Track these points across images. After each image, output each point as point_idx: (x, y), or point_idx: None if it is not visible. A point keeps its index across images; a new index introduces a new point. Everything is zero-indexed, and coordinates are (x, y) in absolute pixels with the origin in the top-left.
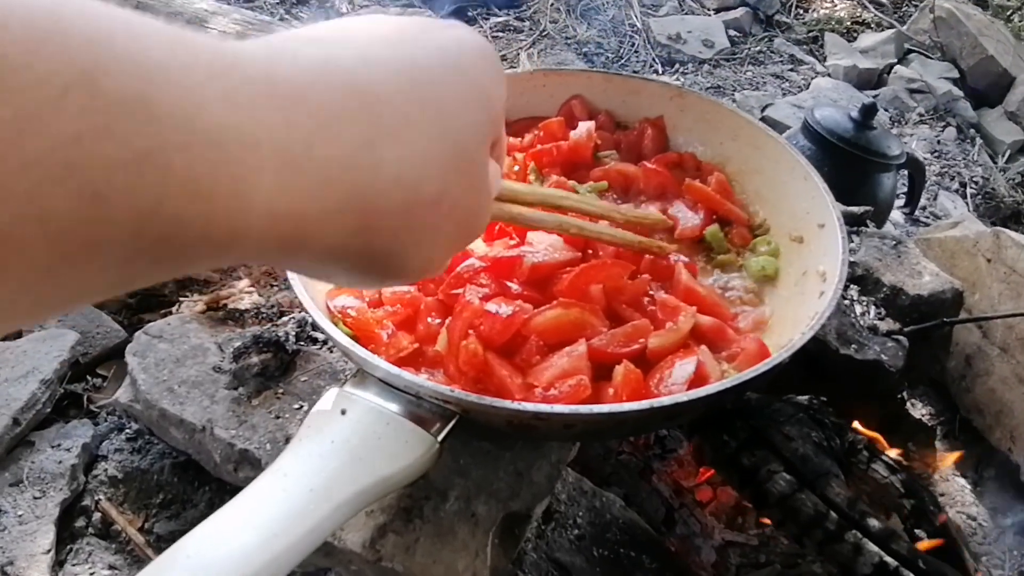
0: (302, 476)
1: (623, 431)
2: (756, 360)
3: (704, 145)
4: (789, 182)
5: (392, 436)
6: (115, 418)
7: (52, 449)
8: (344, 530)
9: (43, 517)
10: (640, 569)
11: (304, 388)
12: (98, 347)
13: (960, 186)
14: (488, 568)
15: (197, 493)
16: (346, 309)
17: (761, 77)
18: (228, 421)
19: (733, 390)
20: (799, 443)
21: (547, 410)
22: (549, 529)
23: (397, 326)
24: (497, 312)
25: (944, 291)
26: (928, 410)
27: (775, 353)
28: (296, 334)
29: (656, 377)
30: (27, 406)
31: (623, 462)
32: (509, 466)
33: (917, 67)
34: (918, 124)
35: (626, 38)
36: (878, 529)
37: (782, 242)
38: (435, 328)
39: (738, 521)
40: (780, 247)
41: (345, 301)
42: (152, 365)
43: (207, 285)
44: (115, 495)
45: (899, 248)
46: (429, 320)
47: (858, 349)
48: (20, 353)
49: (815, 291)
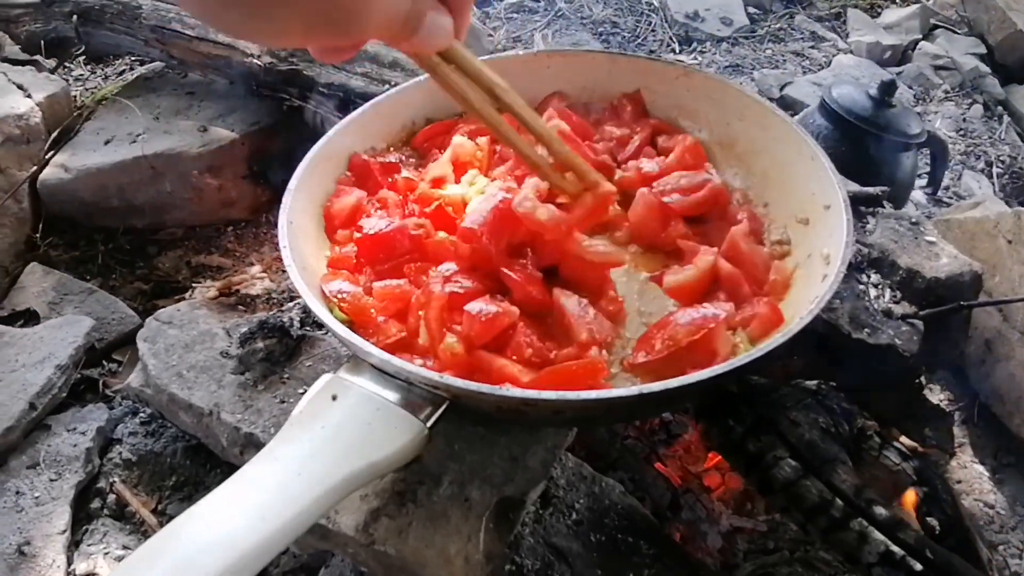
0: (292, 461)
1: (615, 417)
2: (770, 326)
3: (711, 125)
4: (796, 162)
5: (381, 422)
6: (129, 402)
7: (68, 433)
8: (338, 513)
9: (59, 499)
10: (637, 555)
11: (308, 373)
12: (113, 333)
13: (986, 165)
14: (481, 552)
15: (209, 475)
16: (341, 293)
17: (781, 55)
18: (234, 405)
19: (727, 375)
20: (806, 429)
21: (535, 396)
22: (547, 514)
23: (389, 316)
24: (479, 313)
25: (962, 273)
26: (946, 396)
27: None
28: (301, 319)
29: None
30: (43, 391)
31: (629, 447)
32: (504, 451)
33: (943, 43)
34: (943, 102)
35: (643, 17)
36: (884, 517)
37: (789, 224)
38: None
39: (746, 507)
40: (788, 230)
41: (340, 285)
42: (162, 351)
43: (220, 271)
44: (129, 477)
45: (916, 229)
46: (420, 313)
47: (871, 333)
48: (36, 339)
49: (818, 274)
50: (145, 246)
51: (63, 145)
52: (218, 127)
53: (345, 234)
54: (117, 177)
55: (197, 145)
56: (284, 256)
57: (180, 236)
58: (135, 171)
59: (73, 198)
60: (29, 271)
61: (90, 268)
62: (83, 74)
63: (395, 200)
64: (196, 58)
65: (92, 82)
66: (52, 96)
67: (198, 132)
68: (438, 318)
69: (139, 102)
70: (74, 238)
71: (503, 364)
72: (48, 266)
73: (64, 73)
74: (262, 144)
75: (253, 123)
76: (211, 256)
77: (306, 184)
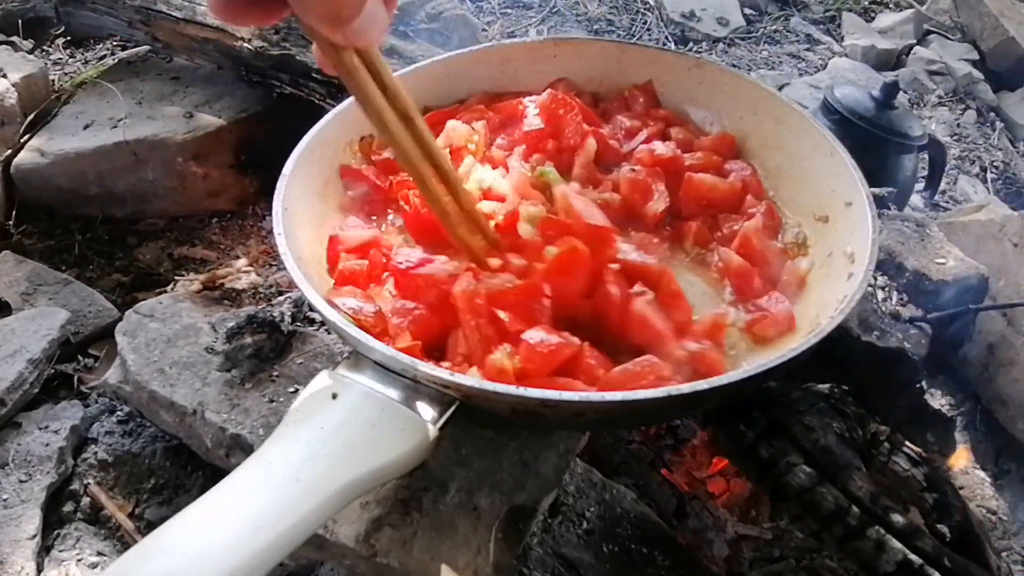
0: (288, 465)
1: (636, 420)
2: (782, 328)
3: (723, 119)
4: (813, 158)
5: (386, 423)
6: (106, 400)
7: (40, 431)
8: (336, 522)
9: (29, 501)
10: (652, 566)
11: (300, 371)
12: (90, 326)
13: (980, 170)
14: (490, 564)
15: (190, 478)
16: (362, 312)
17: (777, 57)
18: (220, 404)
19: (756, 378)
20: (820, 434)
21: (555, 397)
22: (556, 523)
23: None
24: (540, 343)
25: (969, 277)
26: (947, 400)
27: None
28: (292, 314)
29: None
30: (13, 386)
31: (633, 452)
32: (514, 456)
33: (936, 48)
34: (937, 106)
35: (638, 15)
36: (902, 525)
37: (805, 222)
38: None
39: (752, 514)
40: (804, 228)
41: (358, 304)
42: (142, 345)
43: (204, 264)
44: (105, 479)
45: (922, 232)
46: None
47: (880, 336)
48: (8, 332)
49: (842, 273)
50: (125, 236)
51: (39, 129)
52: (204, 113)
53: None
54: (96, 163)
55: (182, 131)
56: (279, 244)
57: (162, 227)
58: (116, 157)
59: (49, 184)
60: (1, 260)
61: (66, 258)
62: (62, 58)
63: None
64: (182, 41)
65: (71, 67)
66: (29, 77)
67: (183, 118)
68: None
69: (121, 86)
70: (50, 226)
71: (567, 382)
72: (21, 255)
73: (42, 56)
74: (250, 132)
75: (241, 110)
76: (194, 248)
77: (302, 170)
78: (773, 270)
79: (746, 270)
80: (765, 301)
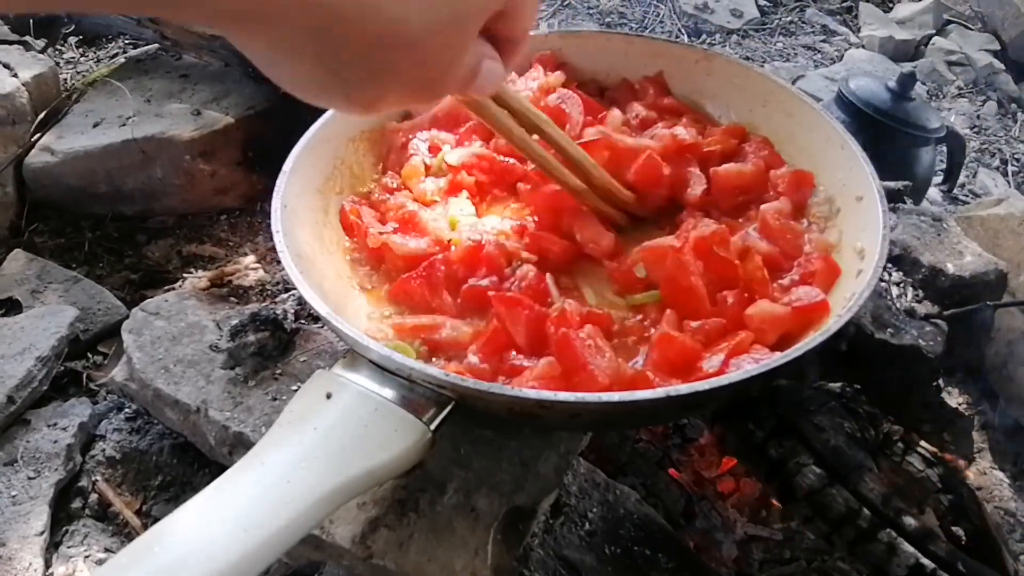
0: (280, 466)
1: (636, 420)
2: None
3: (732, 111)
4: (824, 151)
5: (380, 423)
6: (114, 397)
7: (48, 428)
8: (333, 523)
9: (37, 498)
10: (656, 569)
11: (303, 369)
12: (99, 324)
13: (1001, 163)
14: (489, 567)
15: (197, 475)
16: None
17: (792, 48)
18: (223, 402)
19: (758, 378)
20: (831, 434)
21: (551, 398)
22: (558, 524)
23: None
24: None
25: (987, 272)
26: (965, 399)
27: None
28: (296, 312)
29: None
30: (23, 384)
31: (640, 451)
32: (514, 456)
33: (956, 38)
34: (957, 98)
35: (650, 7)
36: (914, 528)
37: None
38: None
39: (761, 514)
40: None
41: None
42: (148, 343)
43: (212, 261)
44: (113, 476)
45: (939, 226)
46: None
47: (894, 333)
48: (17, 329)
49: (852, 270)
50: (134, 234)
51: (50, 127)
52: (212, 111)
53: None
54: (106, 161)
55: (190, 129)
56: (277, 242)
57: (171, 224)
58: (124, 155)
59: (59, 182)
60: (12, 258)
61: (76, 256)
62: (74, 57)
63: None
64: (191, 39)
65: (83, 65)
66: (39, 76)
67: (191, 116)
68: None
69: (131, 84)
70: (60, 224)
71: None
72: (32, 253)
73: (55, 55)
74: (258, 129)
75: (249, 107)
76: (203, 245)
77: (302, 166)
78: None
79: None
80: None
